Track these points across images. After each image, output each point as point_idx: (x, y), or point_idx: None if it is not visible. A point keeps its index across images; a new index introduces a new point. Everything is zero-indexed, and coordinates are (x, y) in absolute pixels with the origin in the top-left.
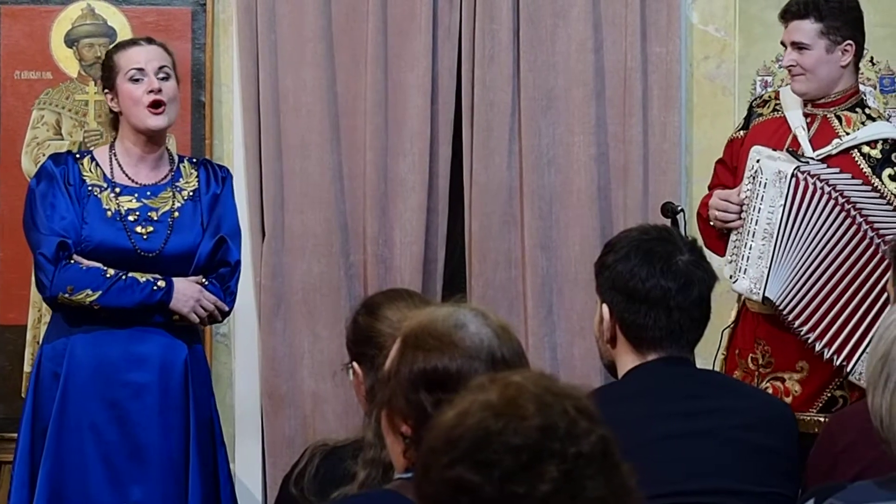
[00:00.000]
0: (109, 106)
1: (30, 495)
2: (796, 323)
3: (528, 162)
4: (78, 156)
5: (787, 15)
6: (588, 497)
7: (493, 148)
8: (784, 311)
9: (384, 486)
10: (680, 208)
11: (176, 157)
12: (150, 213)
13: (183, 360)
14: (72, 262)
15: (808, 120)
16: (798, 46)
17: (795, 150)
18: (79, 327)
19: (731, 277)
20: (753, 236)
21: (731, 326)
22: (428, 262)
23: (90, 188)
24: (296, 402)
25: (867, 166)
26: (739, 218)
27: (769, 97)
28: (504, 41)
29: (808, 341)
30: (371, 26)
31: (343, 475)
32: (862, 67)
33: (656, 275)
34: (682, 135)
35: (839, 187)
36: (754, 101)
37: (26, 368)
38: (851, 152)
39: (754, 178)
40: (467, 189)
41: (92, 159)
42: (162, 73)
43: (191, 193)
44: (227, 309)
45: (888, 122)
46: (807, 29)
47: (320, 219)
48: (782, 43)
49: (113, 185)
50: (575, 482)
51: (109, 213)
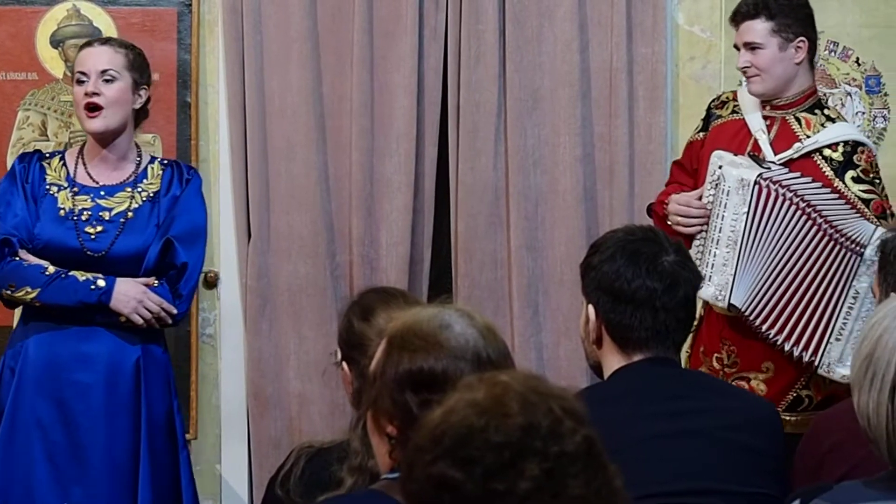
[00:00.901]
0: None
1: None
2: (763, 326)
3: (513, 162)
4: (47, 155)
5: (737, 17)
6: (570, 496)
7: (479, 148)
8: (750, 317)
9: (372, 485)
10: None
11: (146, 159)
12: (101, 214)
13: (134, 361)
14: (16, 258)
15: (768, 123)
16: (751, 47)
17: (757, 154)
18: (35, 326)
19: None
20: (717, 244)
21: (696, 325)
22: (414, 262)
23: (48, 187)
24: (282, 403)
25: (829, 169)
26: (701, 223)
27: (727, 98)
28: (490, 42)
29: (776, 343)
30: (357, 27)
31: (329, 478)
32: (847, 68)
33: (642, 275)
34: (668, 135)
35: (801, 192)
36: (713, 101)
37: None
38: (813, 156)
39: (717, 184)
40: (453, 190)
41: (61, 159)
42: (106, 76)
43: (151, 195)
44: (174, 311)
45: (847, 123)
46: (758, 28)
47: (306, 220)
48: (735, 46)
49: (73, 184)
50: (556, 481)
51: (62, 213)
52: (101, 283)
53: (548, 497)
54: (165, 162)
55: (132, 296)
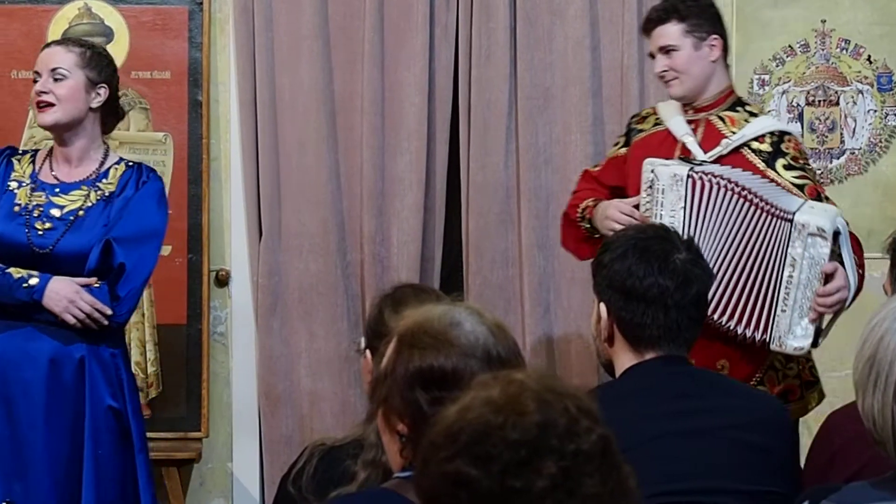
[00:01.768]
0: None
1: None
2: (715, 316)
3: (525, 161)
4: (20, 152)
5: (648, 24)
6: (585, 494)
7: (490, 147)
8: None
9: (383, 484)
10: None
11: (112, 159)
12: (52, 211)
13: (77, 361)
14: None
15: (693, 126)
16: (666, 50)
17: (687, 156)
18: None
19: None
20: None
21: None
22: (425, 260)
23: (10, 183)
24: (293, 400)
25: (760, 161)
26: None
27: (647, 113)
28: (501, 40)
29: (730, 329)
30: (368, 25)
31: (341, 475)
32: (859, 66)
33: (654, 273)
34: None
35: (733, 179)
36: (633, 118)
37: None
38: (741, 150)
39: (651, 186)
40: (464, 188)
41: (32, 156)
42: (56, 75)
43: (106, 195)
44: (108, 312)
45: (770, 116)
46: (671, 31)
47: (317, 218)
48: (650, 55)
49: (34, 181)
50: (572, 479)
51: (17, 209)
52: (34, 280)
53: (563, 495)
54: (130, 164)
55: (64, 295)
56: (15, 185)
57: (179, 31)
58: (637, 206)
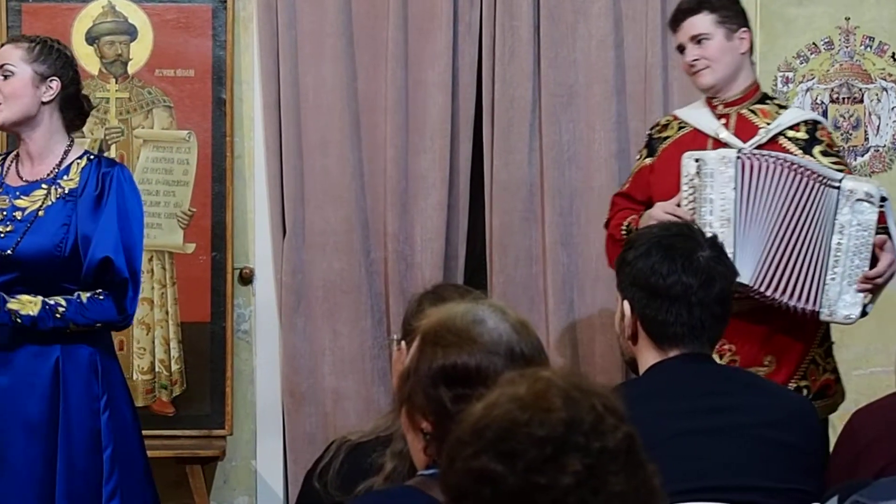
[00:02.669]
0: None
1: None
2: (769, 292)
3: (548, 158)
4: (1, 156)
5: (678, 16)
6: (610, 492)
7: (513, 145)
8: (760, 288)
9: (407, 481)
10: None
11: (74, 154)
12: (15, 213)
13: (52, 364)
14: None
15: (723, 121)
16: (698, 40)
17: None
18: None
19: None
20: (710, 227)
21: None
22: (449, 258)
23: None
24: (317, 398)
25: (797, 148)
26: None
27: (667, 121)
28: (524, 38)
29: (780, 303)
30: (391, 23)
31: (367, 470)
32: (883, 63)
33: (678, 271)
34: None
35: (780, 156)
36: (652, 129)
37: None
38: (778, 139)
39: (698, 173)
40: (488, 186)
41: (3, 159)
42: (4, 72)
43: (66, 192)
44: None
45: (798, 108)
46: (704, 20)
47: (341, 216)
48: (679, 48)
49: (1, 184)
50: (598, 477)
51: None
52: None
53: (588, 493)
54: (91, 157)
55: None
56: None
57: (203, 30)
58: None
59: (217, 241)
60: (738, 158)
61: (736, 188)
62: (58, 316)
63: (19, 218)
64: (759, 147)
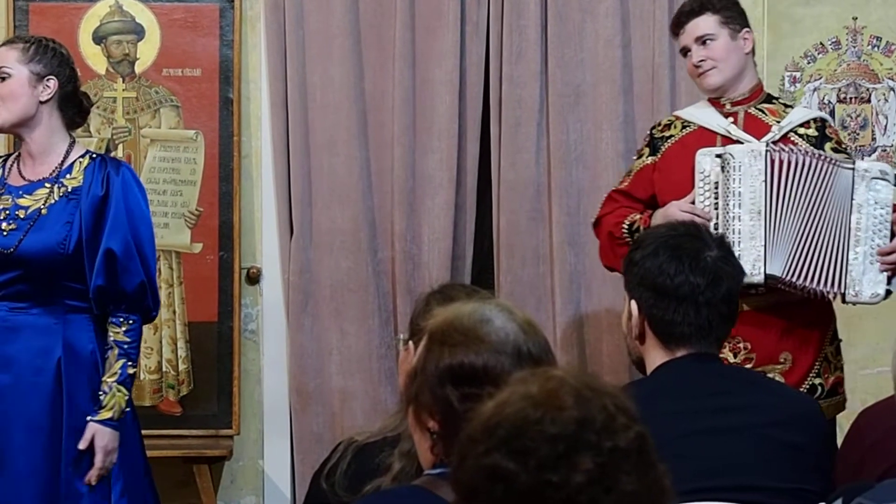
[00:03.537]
0: None
1: None
2: (799, 281)
3: (555, 158)
4: (2, 158)
5: (681, 19)
6: (622, 491)
7: (520, 144)
8: (790, 279)
9: (414, 481)
10: None
11: (77, 153)
12: (18, 212)
13: (55, 363)
14: None
15: (732, 119)
16: (703, 40)
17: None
18: None
19: None
20: (739, 220)
21: None
22: (456, 258)
23: None
24: (324, 398)
25: (808, 145)
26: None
27: (669, 121)
28: (532, 37)
29: (805, 290)
30: (399, 23)
31: (374, 471)
32: (891, 63)
33: (685, 271)
34: None
35: (804, 149)
36: (654, 128)
37: None
38: (790, 136)
39: (723, 168)
40: (495, 185)
41: (5, 160)
42: (2, 74)
43: (69, 191)
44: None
45: (804, 107)
46: (708, 21)
47: (348, 215)
48: (683, 51)
49: (3, 185)
50: (609, 476)
51: None
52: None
53: (600, 491)
54: (94, 155)
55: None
56: None
57: (210, 29)
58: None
59: (224, 241)
60: (767, 152)
61: (765, 181)
62: (131, 372)
63: (22, 216)
64: (774, 143)
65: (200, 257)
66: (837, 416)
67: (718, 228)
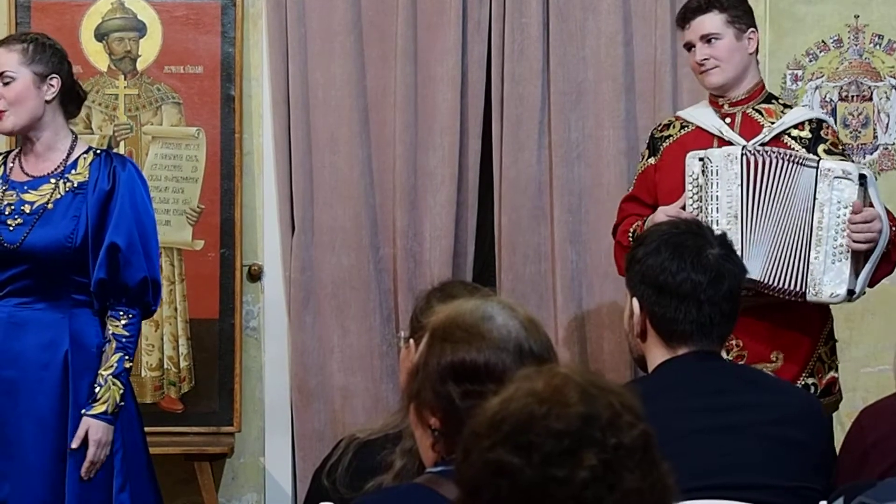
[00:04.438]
0: None
1: None
2: (771, 283)
3: (557, 156)
4: (3, 155)
5: (687, 14)
6: (625, 489)
7: (522, 142)
8: (768, 283)
9: (415, 479)
10: None
11: (80, 148)
12: (23, 207)
13: (62, 357)
14: None
15: (729, 120)
16: (708, 39)
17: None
18: None
19: None
20: (717, 224)
21: None
22: (457, 255)
23: None
24: (325, 395)
25: (801, 147)
26: None
27: (669, 121)
28: (533, 35)
29: (772, 289)
30: (400, 20)
31: (376, 468)
32: (893, 61)
33: (686, 268)
34: None
35: (780, 151)
36: (655, 129)
37: None
38: (782, 138)
39: (703, 172)
40: (497, 183)
41: (6, 157)
42: (4, 79)
43: (75, 186)
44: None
45: (804, 107)
46: (714, 20)
47: (350, 213)
48: (687, 46)
49: (5, 181)
50: (613, 472)
51: None
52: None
53: (604, 488)
54: (98, 151)
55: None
56: None
57: (212, 26)
58: (683, 208)
59: (226, 238)
60: (742, 155)
61: (741, 185)
62: (127, 366)
63: (28, 211)
64: (763, 145)
65: (202, 254)
66: (840, 414)
67: None
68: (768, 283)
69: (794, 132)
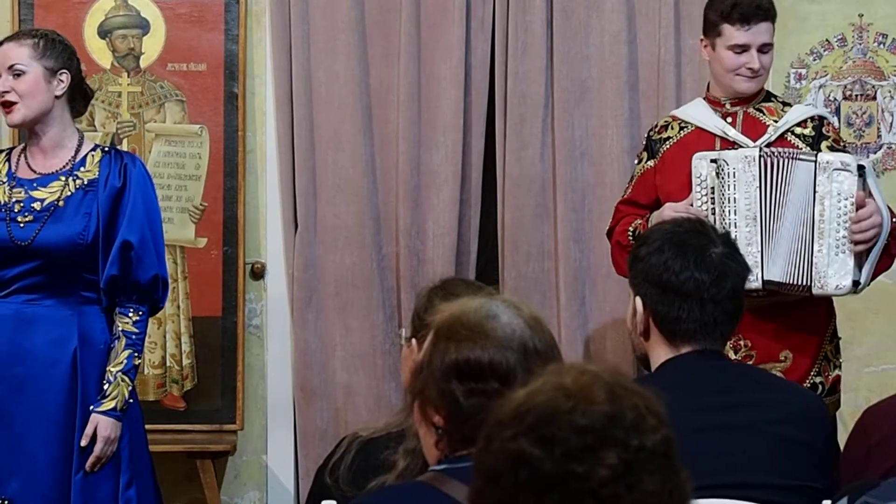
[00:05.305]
0: None
1: None
2: (790, 283)
3: (560, 154)
4: (5, 152)
5: (751, 16)
6: (644, 491)
7: (525, 140)
8: (791, 284)
9: (419, 477)
10: None
11: (87, 146)
12: (33, 205)
13: (71, 354)
14: None
15: (730, 120)
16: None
17: (732, 147)
18: None
19: None
20: (735, 226)
21: None
22: (461, 254)
23: None
24: (328, 393)
25: (805, 145)
26: None
27: (666, 122)
28: (537, 33)
29: (779, 285)
30: (404, 18)
31: (379, 466)
32: None
33: (690, 267)
34: None
35: (790, 151)
36: (651, 131)
37: None
38: (786, 136)
39: (718, 174)
40: (500, 181)
41: (7, 156)
42: (15, 71)
43: (85, 183)
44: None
45: (803, 105)
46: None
47: (353, 211)
48: (741, 46)
49: (11, 178)
50: (633, 474)
51: None
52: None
53: (623, 488)
54: (105, 149)
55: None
56: None
57: (215, 24)
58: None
59: (229, 236)
60: (761, 157)
61: (760, 186)
62: (136, 363)
63: (38, 208)
64: (769, 145)
65: (205, 252)
66: (843, 414)
67: None
68: (787, 282)
69: (798, 130)
